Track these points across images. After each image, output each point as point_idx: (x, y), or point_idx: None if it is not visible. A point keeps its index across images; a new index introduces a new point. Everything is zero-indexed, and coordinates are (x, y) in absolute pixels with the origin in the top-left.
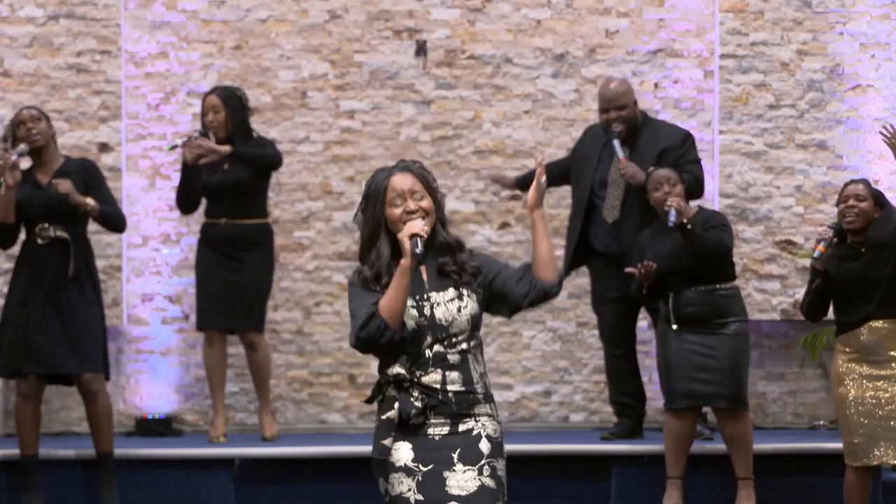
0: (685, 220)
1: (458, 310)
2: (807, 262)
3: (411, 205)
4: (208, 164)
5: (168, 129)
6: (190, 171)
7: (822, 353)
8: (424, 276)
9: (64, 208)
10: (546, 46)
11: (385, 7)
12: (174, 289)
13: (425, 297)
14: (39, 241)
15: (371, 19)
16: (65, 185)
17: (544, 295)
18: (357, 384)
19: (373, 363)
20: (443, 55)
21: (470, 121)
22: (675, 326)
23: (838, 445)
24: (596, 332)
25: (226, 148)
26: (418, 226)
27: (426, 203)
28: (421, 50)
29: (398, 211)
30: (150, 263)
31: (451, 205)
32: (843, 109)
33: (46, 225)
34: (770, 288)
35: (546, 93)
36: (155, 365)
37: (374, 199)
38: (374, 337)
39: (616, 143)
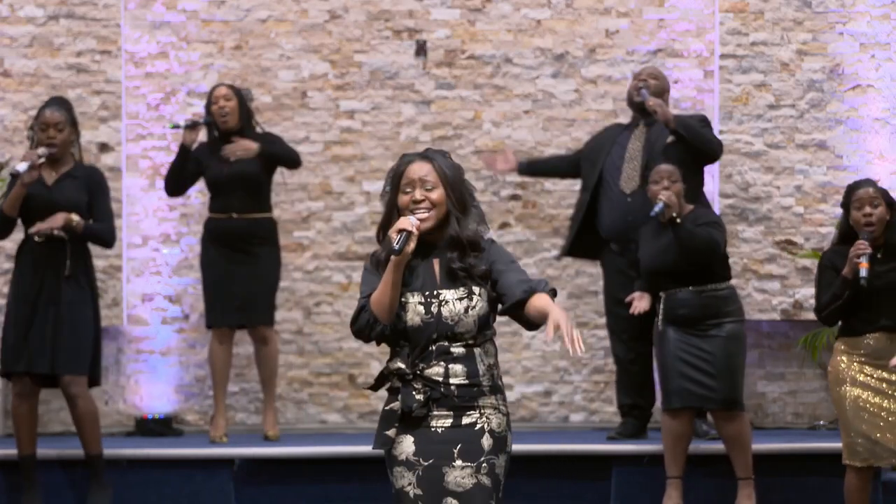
0: (675, 215)
1: (466, 310)
2: (807, 262)
3: (418, 194)
4: (216, 156)
5: (168, 129)
6: (187, 154)
7: (822, 353)
8: (436, 271)
9: (64, 209)
10: (546, 46)
11: (385, 7)
12: (174, 289)
13: (435, 293)
14: (37, 238)
15: (371, 19)
16: (53, 221)
17: (518, 314)
18: (357, 384)
19: (373, 363)
20: (443, 55)
21: (470, 121)
22: (660, 326)
23: (838, 445)
24: (596, 332)
25: (254, 146)
26: (410, 222)
27: (435, 195)
28: (421, 50)
29: (406, 199)
30: (150, 263)
31: None
32: (843, 109)
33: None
34: (770, 288)
35: (546, 93)
36: (155, 365)
37: (392, 183)
38: (364, 330)
39: (644, 90)
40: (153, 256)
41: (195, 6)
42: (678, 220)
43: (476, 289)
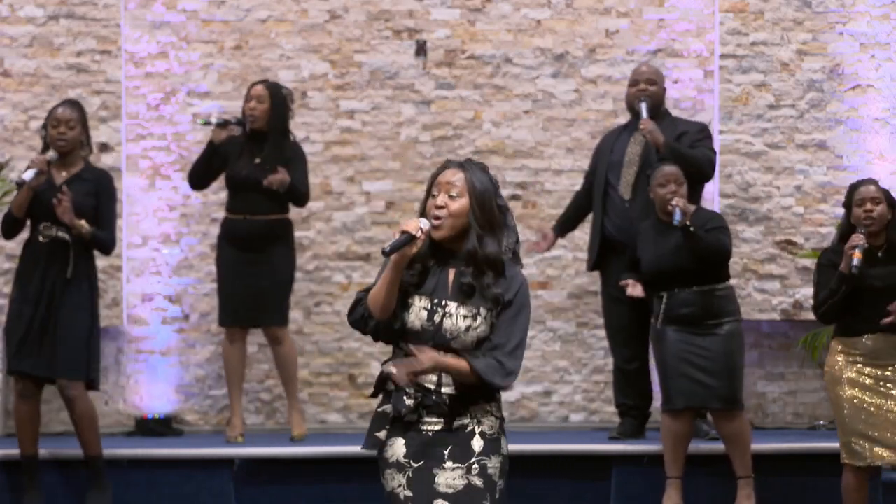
0: (688, 222)
1: (467, 329)
2: (807, 262)
3: (440, 199)
4: (245, 155)
5: (168, 129)
6: (215, 151)
7: (822, 353)
8: (450, 281)
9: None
10: (546, 46)
11: (385, 7)
12: (174, 289)
13: (443, 303)
14: (41, 238)
15: (371, 19)
16: (64, 207)
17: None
18: (357, 384)
19: (373, 363)
20: (443, 55)
21: (470, 121)
22: (659, 326)
23: (838, 445)
24: (596, 332)
25: (287, 181)
26: (419, 225)
27: (457, 204)
28: (421, 50)
29: (431, 202)
30: (150, 263)
31: None
32: (843, 109)
33: (49, 224)
34: (770, 288)
35: (546, 93)
36: (155, 365)
37: (427, 185)
38: (358, 322)
39: (644, 104)
40: (153, 256)
41: (195, 6)
42: (692, 229)
43: (483, 311)
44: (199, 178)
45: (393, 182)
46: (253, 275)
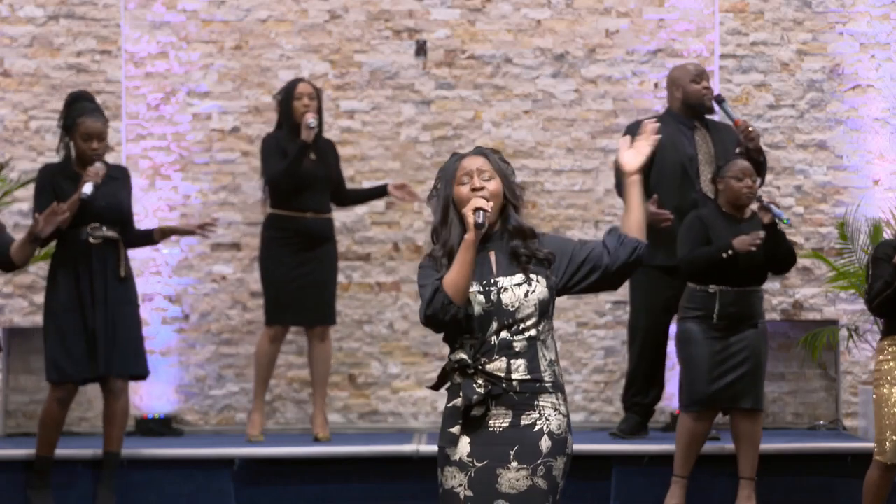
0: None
1: (526, 294)
2: (807, 262)
3: (477, 182)
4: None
5: (168, 129)
6: (307, 152)
7: (822, 353)
8: (493, 261)
9: (111, 213)
10: (546, 46)
11: (385, 7)
12: (174, 289)
13: (493, 281)
14: (92, 240)
15: (371, 19)
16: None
17: (632, 251)
18: (357, 384)
19: (373, 363)
20: (443, 55)
21: (470, 121)
22: (716, 321)
23: (838, 445)
24: (596, 332)
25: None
26: (482, 201)
27: (493, 184)
28: (421, 50)
29: (465, 189)
30: (150, 263)
31: None
32: (843, 109)
33: (98, 224)
34: (770, 288)
35: (546, 93)
36: (155, 365)
37: (445, 179)
38: (438, 313)
39: (728, 105)
40: (153, 256)
41: (195, 6)
42: (778, 226)
43: (534, 275)
44: (292, 177)
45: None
46: (311, 272)
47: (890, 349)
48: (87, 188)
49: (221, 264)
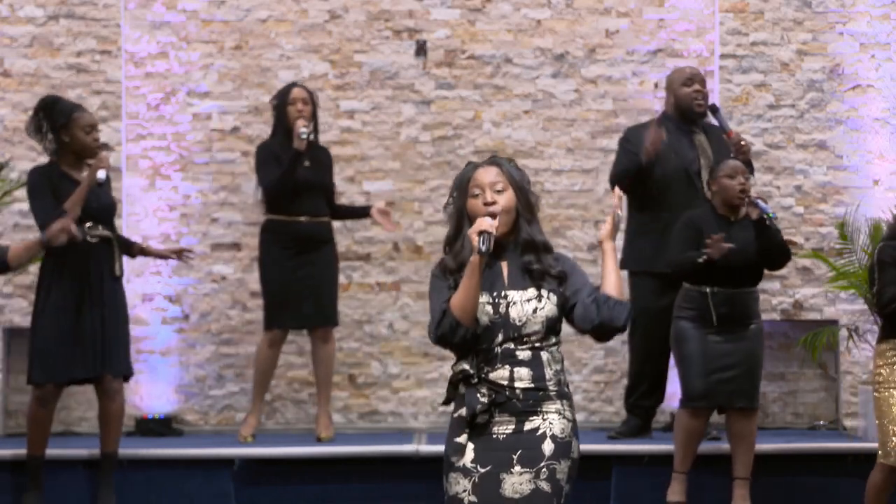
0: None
1: (534, 311)
2: (807, 262)
3: (489, 196)
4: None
5: (168, 129)
6: (300, 160)
7: (822, 353)
8: (505, 273)
9: (108, 209)
10: (546, 46)
11: (385, 7)
12: (174, 289)
13: (503, 294)
14: (90, 238)
15: (371, 19)
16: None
17: (611, 329)
18: (357, 384)
19: (373, 363)
20: (443, 55)
21: (470, 121)
22: (688, 324)
23: (838, 445)
24: None
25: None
26: (487, 223)
27: (505, 197)
28: (421, 50)
29: (477, 202)
30: (150, 263)
31: None
32: (843, 109)
33: (94, 224)
34: (770, 288)
35: (546, 93)
36: (155, 365)
37: (459, 190)
38: (447, 335)
39: (722, 113)
40: None
41: (195, 6)
42: (767, 222)
43: (545, 291)
44: (286, 186)
45: (393, 182)
46: (311, 275)
47: (890, 352)
48: (101, 174)
49: (221, 264)
